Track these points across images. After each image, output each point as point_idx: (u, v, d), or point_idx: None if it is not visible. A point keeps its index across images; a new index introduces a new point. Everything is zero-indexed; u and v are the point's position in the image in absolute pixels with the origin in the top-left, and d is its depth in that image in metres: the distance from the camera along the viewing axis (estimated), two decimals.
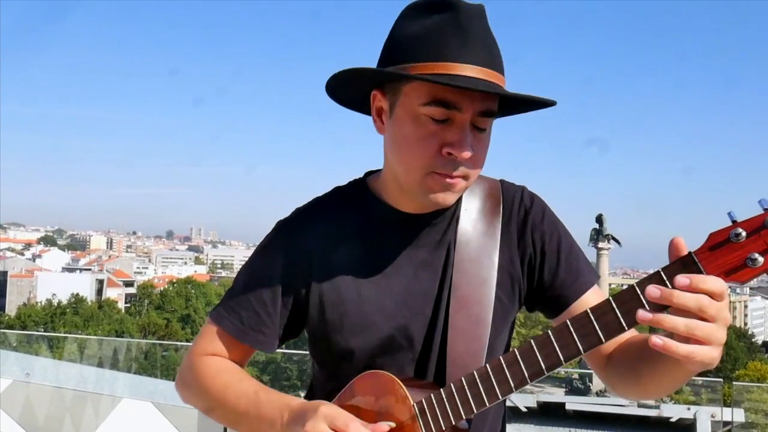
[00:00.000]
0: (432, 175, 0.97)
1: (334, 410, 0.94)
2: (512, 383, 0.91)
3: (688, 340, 0.80)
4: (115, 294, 71.68)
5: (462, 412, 0.94)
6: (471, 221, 1.08)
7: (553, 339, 0.88)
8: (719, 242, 0.81)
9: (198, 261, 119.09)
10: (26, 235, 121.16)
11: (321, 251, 1.08)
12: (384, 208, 1.08)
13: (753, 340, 52.27)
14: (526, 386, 0.92)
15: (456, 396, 0.95)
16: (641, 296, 0.83)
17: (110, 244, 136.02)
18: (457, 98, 0.93)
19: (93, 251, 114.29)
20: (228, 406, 1.06)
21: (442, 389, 0.96)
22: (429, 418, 0.96)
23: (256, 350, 1.12)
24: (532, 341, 0.90)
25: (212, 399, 1.08)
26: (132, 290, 73.88)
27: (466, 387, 0.94)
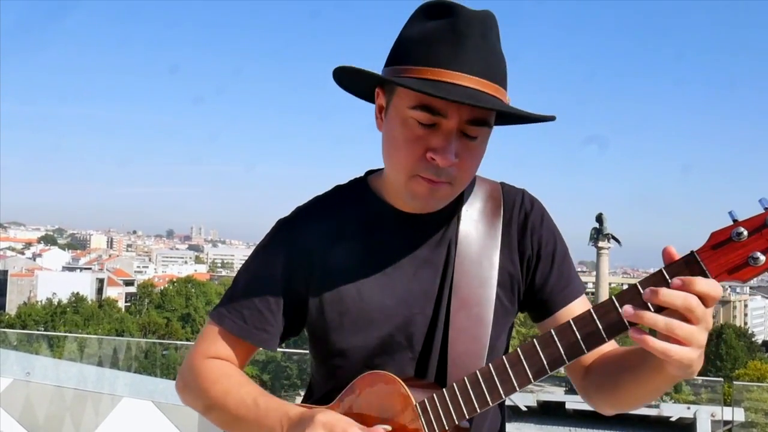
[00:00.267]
0: (416, 179, 0.98)
1: (332, 417, 0.93)
2: (515, 382, 0.91)
3: (669, 339, 0.81)
4: (116, 293, 71.73)
5: (465, 412, 0.94)
6: (472, 222, 1.08)
7: (556, 338, 0.89)
8: (721, 241, 0.82)
9: (198, 260, 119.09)
10: (26, 235, 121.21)
11: (321, 250, 1.08)
12: (384, 207, 1.08)
13: (753, 340, 52.30)
14: (528, 385, 0.93)
15: (459, 395, 0.95)
16: (640, 296, 0.83)
17: (110, 243, 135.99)
18: (442, 105, 0.94)
19: (93, 250, 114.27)
20: (228, 412, 1.06)
21: (445, 389, 0.96)
22: (432, 418, 0.96)
23: (259, 349, 1.12)
24: (535, 340, 0.91)
25: (212, 404, 1.08)
26: (132, 289, 73.91)
27: (469, 386, 0.94)
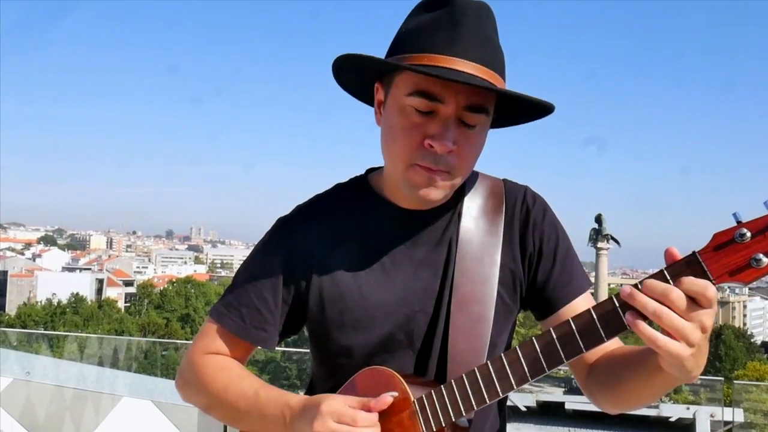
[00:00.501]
0: (414, 168, 0.97)
1: (338, 405, 0.93)
2: (513, 380, 0.91)
3: (663, 331, 0.81)
4: (115, 293, 71.65)
5: (462, 409, 0.94)
6: (473, 219, 1.08)
7: (555, 337, 0.89)
8: (724, 242, 0.81)
9: (198, 260, 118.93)
10: (26, 235, 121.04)
11: (322, 248, 1.07)
12: (385, 205, 1.08)
13: (752, 341, 52.25)
14: (526, 386, 0.92)
15: (456, 392, 0.95)
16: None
17: (110, 244, 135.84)
18: (440, 90, 0.93)
19: (93, 251, 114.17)
20: (229, 406, 1.06)
21: (443, 385, 0.96)
22: (429, 415, 0.96)
23: (257, 347, 1.12)
24: (534, 339, 0.90)
25: (213, 398, 1.08)
26: (132, 290, 73.79)
27: (467, 383, 0.94)
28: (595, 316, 0.87)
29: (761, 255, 0.79)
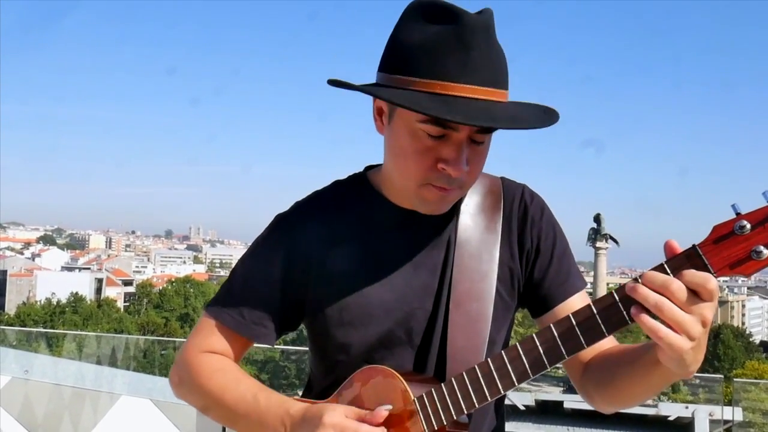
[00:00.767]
0: (427, 187, 0.98)
1: (340, 418, 0.93)
2: (514, 377, 0.91)
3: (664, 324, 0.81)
4: (114, 293, 71.67)
5: (463, 407, 0.94)
6: (471, 216, 1.08)
7: (556, 333, 0.89)
8: (723, 235, 0.81)
9: (197, 260, 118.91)
10: (25, 234, 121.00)
11: (320, 245, 1.07)
12: (384, 203, 1.08)
13: (750, 340, 52.33)
14: (524, 385, 0.92)
15: (457, 390, 0.94)
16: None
17: (109, 244, 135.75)
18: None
19: (92, 250, 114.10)
20: (226, 409, 1.05)
21: (443, 384, 0.96)
22: (430, 413, 0.95)
23: (255, 343, 1.11)
24: (535, 336, 0.90)
25: (209, 399, 1.07)
26: (131, 289, 73.84)
27: (468, 381, 0.94)
28: (595, 311, 0.86)
29: (762, 247, 0.79)
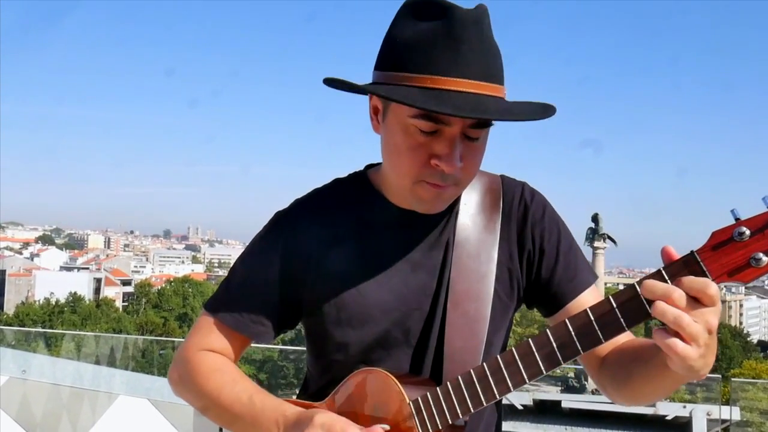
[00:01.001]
0: (421, 184, 0.97)
1: (330, 418, 0.92)
2: (510, 383, 0.90)
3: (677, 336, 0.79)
4: (113, 293, 71.54)
5: (459, 412, 0.93)
6: (470, 216, 1.07)
7: (552, 339, 0.87)
8: (722, 241, 0.79)
9: (195, 260, 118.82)
10: (24, 234, 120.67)
11: (319, 244, 1.06)
12: (384, 203, 1.07)
13: (748, 339, 52.41)
14: (523, 385, 0.92)
15: (453, 395, 0.94)
16: (641, 297, 0.82)
17: (108, 243, 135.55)
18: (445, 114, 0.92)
19: (91, 250, 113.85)
20: (222, 409, 1.05)
21: (439, 387, 0.95)
22: (425, 417, 0.95)
23: (253, 342, 1.11)
24: (531, 341, 0.89)
25: (206, 399, 1.07)
26: (129, 289, 73.74)
27: (463, 386, 0.93)
28: (593, 318, 0.85)
29: (761, 254, 0.77)
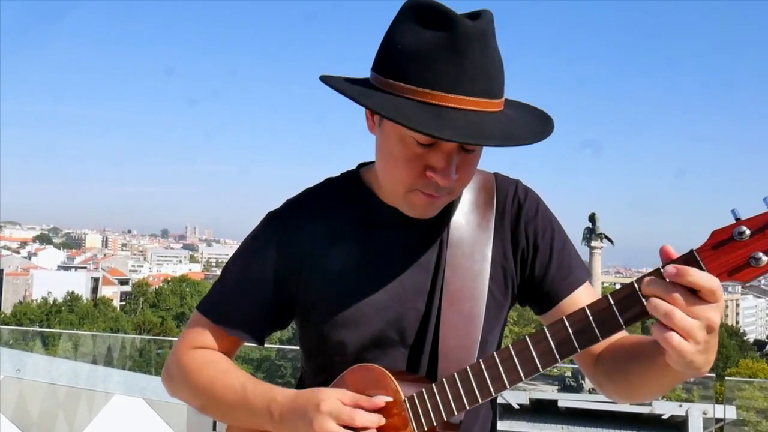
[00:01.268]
0: (415, 192, 0.97)
1: (336, 404, 0.92)
2: (506, 380, 0.90)
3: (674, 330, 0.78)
4: (111, 292, 71.42)
5: (454, 408, 0.93)
6: (464, 214, 1.07)
7: (549, 336, 0.87)
8: (722, 240, 0.79)
9: (193, 259, 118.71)
10: (22, 234, 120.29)
11: (312, 243, 1.06)
12: (376, 202, 1.07)
13: (744, 339, 52.59)
14: (519, 383, 0.91)
15: (448, 392, 0.94)
16: (639, 293, 0.82)
17: (105, 243, 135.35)
18: None
19: (88, 249, 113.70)
20: (215, 400, 1.05)
21: (434, 384, 0.95)
22: (420, 413, 0.95)
23: (246, 342, 1.11)
24: (528, 338, 0.89)
25: (199, 392, 1.06)
26: (127, 288, 73.70)
27: (459, 383, 0.93)
28: (590, 315, 0.85)
29: (761, 253, 0.77)
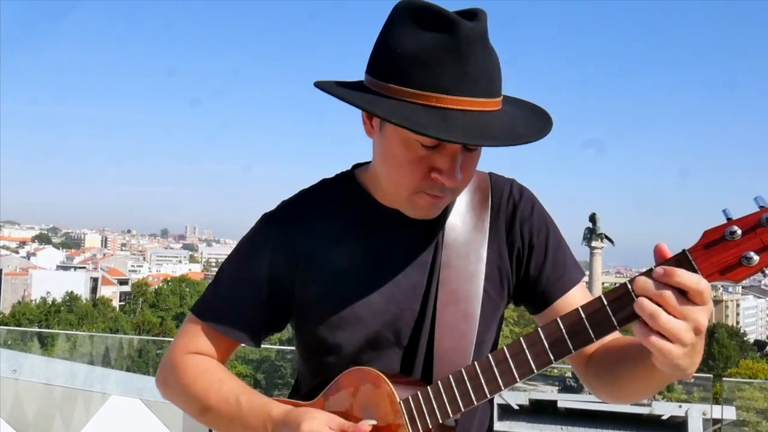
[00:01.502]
0: (420, 194, 0.97)
1: (317, 426, 0.92)
2: (501, 382, 0.90)
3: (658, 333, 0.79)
4: (110, 292, 71.43)
5: (449, 411, 0.93)
6: (459, 215, 1.07)
7: (543, 337, 0.87)
8: (714, 240, 0.80)
9: (192, 259, 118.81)
10: (21, 233, 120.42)
11: (308, 245, 1.06)
12: (372, 203, 1.07)
13: (745, 339, 52.59)
14: (519, 384, 0.91)
15: (443, 394, 0.93)
16: (632, 294, 0.82)
17: (105, 243, 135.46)
18: None
19: (88, 249, 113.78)
20: (209, 410, 1.04)
21: (430, 387, 0.95)
22: (416, 416, 0.94)
23: (241, 344, 1.10)
24: (522, 339, 0.89)
25: (193, 401, 1.06)
26: (126, 288, 73.71)
27: (454, 385, 0.93)
28: (584, 316, 0.85)
29: (752, 253, 0.78)
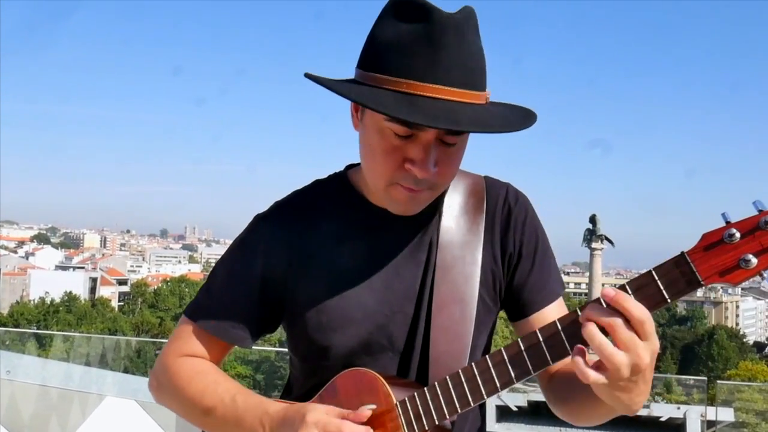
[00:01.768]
0: (395, 186, 0.96)
1: (322, 416, 0.91)
2: (498, 383, 0.90)
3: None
4: (109, 292, 71.54)
5: (446, 412, 0.93)
6: (454, 218, 1.06)
7: (541, 339, 0.87)
8: (713, 243, 0.80)
9: (192, 260, 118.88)
10: (19, 233, 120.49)
11: (300, 246, 1.05)
12: (364, 204, 1.06)
13: (744, 340, 52.70)
14: (518, 385, 0.91)
15: (440, 395, 0.93)
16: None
17: (104, 243, 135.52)
18: None
19: (86, 249, 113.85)
20: (205, 412, 1.03)
21: (426, 388, 0.95)
22: (412, 417, 0.94)
23: (234, 347, 1.10)
24: (520, 341, 0.89)
25: (188, 403, 1.05)
26: (125, 288, 73.82)
27: (451, 386, 0.93)
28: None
29: (750, 255, 0.78)
